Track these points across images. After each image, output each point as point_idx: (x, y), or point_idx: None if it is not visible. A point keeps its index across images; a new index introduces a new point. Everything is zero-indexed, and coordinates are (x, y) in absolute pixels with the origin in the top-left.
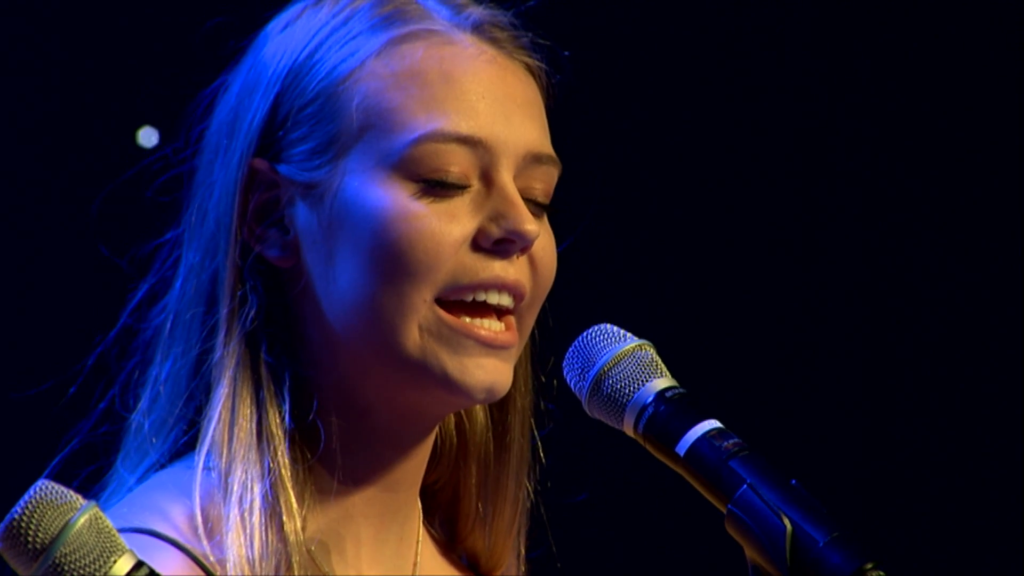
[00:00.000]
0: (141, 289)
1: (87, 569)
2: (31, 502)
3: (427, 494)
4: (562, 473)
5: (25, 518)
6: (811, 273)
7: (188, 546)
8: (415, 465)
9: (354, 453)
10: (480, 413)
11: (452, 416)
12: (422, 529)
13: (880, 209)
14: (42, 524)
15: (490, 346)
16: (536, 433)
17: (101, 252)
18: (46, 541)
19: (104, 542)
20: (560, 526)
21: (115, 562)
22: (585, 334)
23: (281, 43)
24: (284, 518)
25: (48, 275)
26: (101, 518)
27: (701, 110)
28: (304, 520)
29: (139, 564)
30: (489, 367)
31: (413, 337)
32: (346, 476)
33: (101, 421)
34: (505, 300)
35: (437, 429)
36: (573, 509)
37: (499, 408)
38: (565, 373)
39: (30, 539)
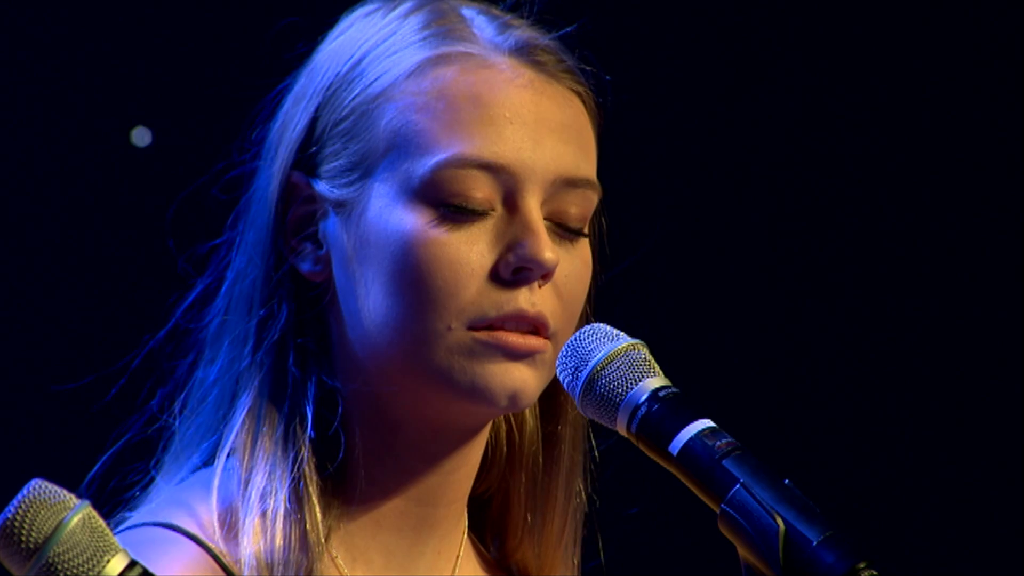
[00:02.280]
0: (195, 289)
1: (80, 568)
2: (24, 501)
3: (478, 505)
4: (616, 485)
5: (19, 517)
6: (805, 271)
7: (208, 542)
8: (455, 480)
9: (384, 465)
10: (531, 422)
11: (503, 425)
12: (465, 544)
13: (875, 211)
14: (35, 523)
15: (516, 353)
16: (595, 444)
17: (157, 249)
18: (39, 540)
19: (97, 541)
20: (612, 537)
21: (108, 561)
22: (578, 333)
23: (330, 53)
24: (307, 525)
25: (103, 273)
26: (95, 517)
27: (697, 114)
28: (329, 529)
29: (132, 563)
30: (515, 374)
31: (439, 358)
32: (376, 488)
33: (152, 419)
34: (523, 328)
35: (481, 445)
36: (624, 520)
37: (550, 418)
38: (558, 372)
39: (23, 538)
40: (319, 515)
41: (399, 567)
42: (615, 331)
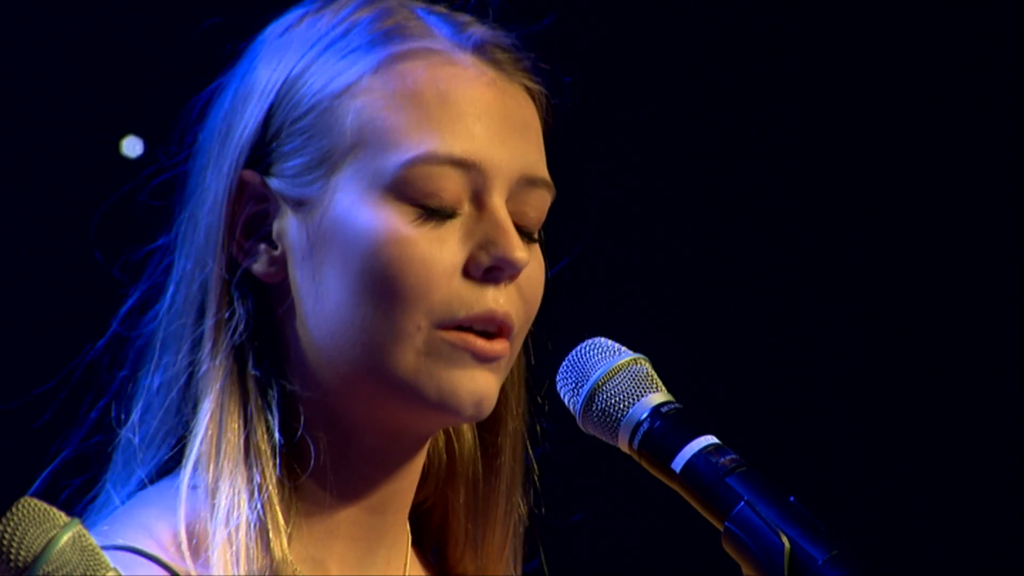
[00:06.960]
0: (132, 295)
1: None
2: (13, 519)
3: (416, 516)
4: (557, 494)
5: (7, 536)
6: (808, 287)
7: (172, 564)
8: (403, 488)
9: (339, 472)
10: (468, 433)
11: (442, 436)
12: (411, 554)
13: (875, 226)
14: (24, 542)
15: (484, 358)
16: (532, 455)
17: (90, 258)
18: (28, 559)
19: (88, 560)
20: (555, 548)
21: None
22: (579, 348)
23: (277, 50)
24: (271, 536)
25: (36, 281)
26: (85, 536)
27: (691, 122)
28: (289, 538)
29: None
30: (480, 380)
31: (406, 360)
32: (330, 496)
33: (92, 431)
34: (491, 329)
35: (425, 452)
36: (568, 531)
37: (489, 430)
38: (559, 388)
39: (12, 557)
40: (283, 525)
41: None
42: (617, 345)
